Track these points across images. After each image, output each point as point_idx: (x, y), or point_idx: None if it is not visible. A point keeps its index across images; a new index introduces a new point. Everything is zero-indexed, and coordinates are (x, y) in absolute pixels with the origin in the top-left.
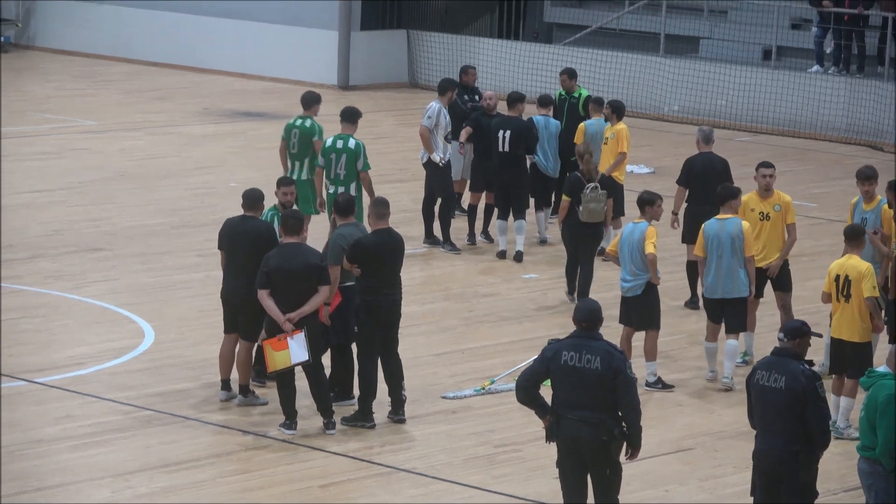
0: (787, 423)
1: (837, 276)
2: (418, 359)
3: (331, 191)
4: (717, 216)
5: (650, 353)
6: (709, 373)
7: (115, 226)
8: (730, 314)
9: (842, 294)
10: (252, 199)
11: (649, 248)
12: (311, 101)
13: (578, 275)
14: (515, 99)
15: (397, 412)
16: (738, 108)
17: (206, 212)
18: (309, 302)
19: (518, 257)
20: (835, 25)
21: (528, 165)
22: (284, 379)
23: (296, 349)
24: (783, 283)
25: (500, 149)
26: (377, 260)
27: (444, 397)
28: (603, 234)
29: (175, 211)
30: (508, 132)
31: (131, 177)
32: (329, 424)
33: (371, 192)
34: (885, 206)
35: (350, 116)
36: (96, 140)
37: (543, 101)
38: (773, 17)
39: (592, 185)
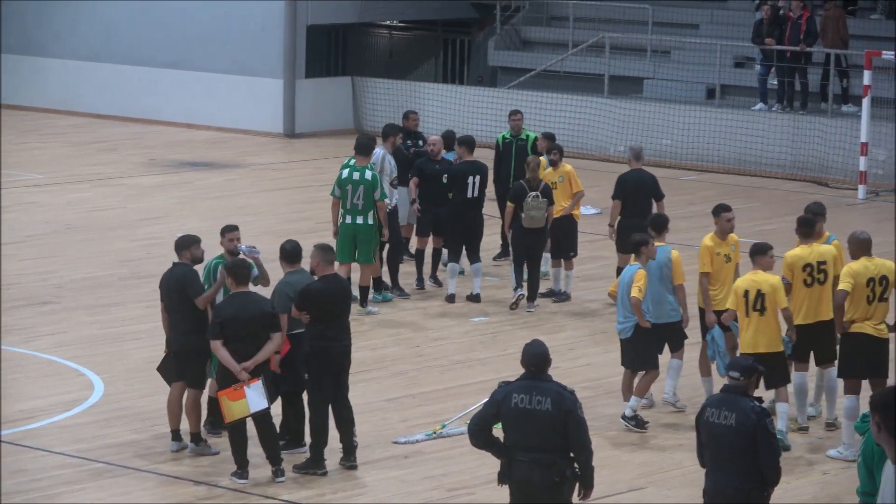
0: (738, 460)
1: (747, 292)
2: (369, 404)
3: (348, 221)
4: (631, 260)
5: (640, 390)
6: (644, 400)
7: (64, 278)
8: (668, 337)
9: (754, 308)
10: (179, 246)
11: (633, 293)
12: (369, 147)
13: (527, 280)
14: (473, 143)
15: (349, 458)
16: (683, 148)
17: (154, 263)
18: (262, 350)
19: (476, 299)
20: (777, 63)
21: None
22: (236, 428)
23: (254, 397)
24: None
25: (470, 194)
26: (326, 306)
27: (395, 442)
28: (546, 240)
29: (123, 262)
30: (478, 178)
31: (79, 229)
32: (278, 472)
33: (385, 222)
34: (835, 241)
35: (363, 149)
36: (44, 193)
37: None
38: (716, 57)
39: (534, 193)
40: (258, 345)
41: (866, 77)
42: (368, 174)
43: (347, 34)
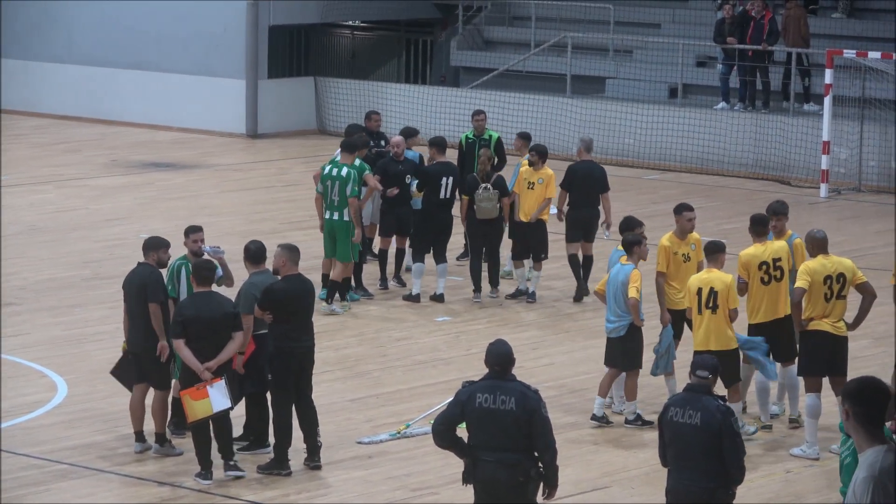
0: (703, 459)
1: (700, 290)
2: (333, 404)
3: (328, 217)
4: (622, 260)
5: (631, 393)
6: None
7: (26, 280)
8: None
9: (706, 306)
10: (147, 247)
11: (631, 293)
12: (357, 146)
13: (485, 272)
14: (445, 144)
15: (313, 459)
16: (645, 147)
17: (117, 263)
18: (225, 349)
19: (440, 299)
20: (739, 62)
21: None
22: (200, 429)
23: (217, 397)
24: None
25: (442, 195)
26: (289, 307)
27: (359, 442)
28: (503, 230)
29: (86, 263)
30: (451, 179)
31: (42, 230)
32: (228, 466)
33: (358, 220)
34: (797, 240)
35: (348, 147)
36: (6, 194)
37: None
38: (678, 56)
39: (484, 185)
40: (220, 344)
41: (828, 76)
42: (345, 171)
43: (310, 35)
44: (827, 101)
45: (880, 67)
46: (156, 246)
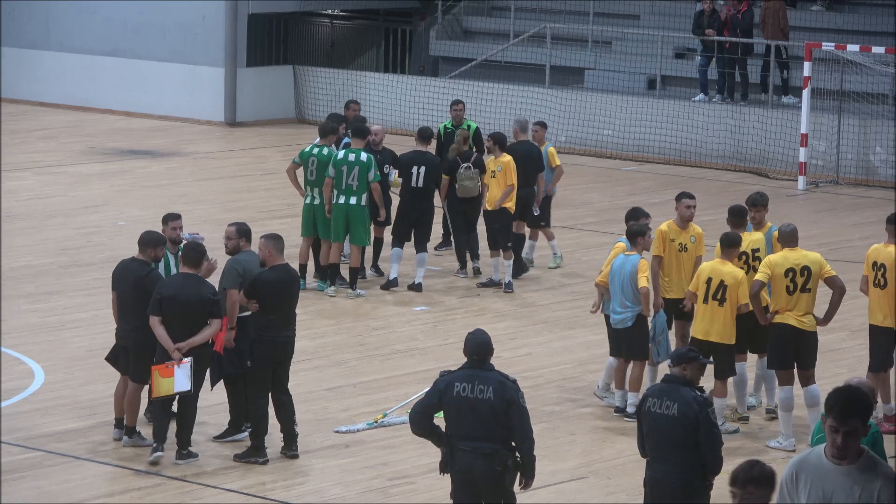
0: (680, 450)
1: (710, 279)
2: (311, 393)
3: (342, 201)
4: (626, 251)
5: (635, 384)
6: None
7: (3, 267)
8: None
9: (714, 298)
10: (143, 242)
11: (642, 282)
12: (328, 131)
13: (467, 247)
14: (429, 135)
15: (290, 447)
16: (624, 138)
17: (94, 251)
18: (200, 333)
19: (418, 288)
20: (718, 54)
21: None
22: (165, 405)
23: (180, 378)
24: (685, 313)
25: (414, 184)
26: (276, 296)
27: (336, 431)
28: (481, 206)
29: (63, 250)
30: (423, 168)
31: (18, 217)
32: (180, 454)
33: (381, 202)
34: (776, 232)
35: (359, 132)
36: None
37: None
38: (657, 47)
39: (466, 164)
40: (192, 328)
41: (806, 68)
42: (364, 156)
43: (289, 23)
44: (805, 93)
45: (859, 60)
46: (154, 242)
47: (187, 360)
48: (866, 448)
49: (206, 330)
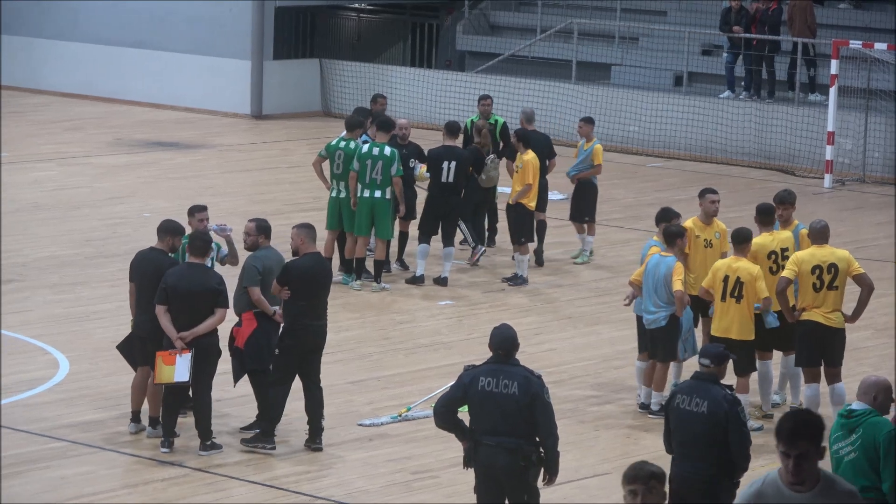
0: (708, 448)
1: (726, 277)
2: (334, 386)
3: (366, 195)
4: (661, 252)
5: (660, 384)
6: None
7: (28, 257)
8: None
9: (731, 295)
10: (162, 230)
11: (677, 286)
12: (355, 125)
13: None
14: (457, 129)
15: (315, 440)
16: (650, 134)
17: (119, 242)
18: (204, 323)
19: (443, 282)
20: (745, 51)
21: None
22: (172, 402)
23: (181, 368)
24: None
25: (444, 179)
26: (310, 284)
27: (360, 425)
28: (495, 196)
29: (88, 241)
30: (454, 163)
31: (44, 208)
32: (204, 446)
33: (402, 197)
34: (803, 230)
35: (384, 126)
36: (7, 171)
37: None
38: (684, 44)
39: (492, 156)
40: (196, 317)
41: (833, 66)
42: (388, 150)
43: (316, 16)
44: (832, 91)
45: (886, 58)
46: (173, 231)
47: (189, 351)
48: (822, 471)
49: (210, 319)
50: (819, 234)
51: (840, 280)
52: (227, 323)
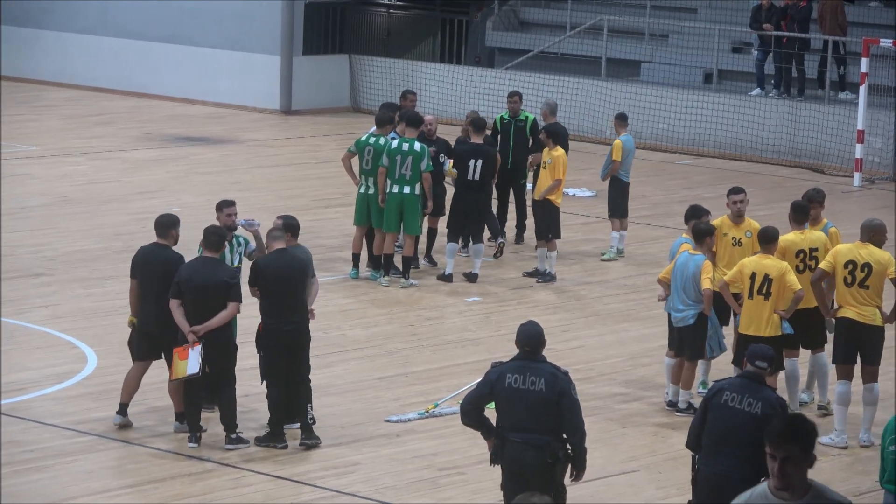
0: (749, 447)
1: (754, 274)
2: (361, 382)
3: (395, 190)
4: (690, 250)
5: (687, 382)
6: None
7: (57, 251)
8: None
9: (759, 292)
10: (161, 225)
11: (706, 284)
12: (385, 121)
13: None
14: (483, 125)
15: (307, 436)
16: (679, 132)
17: (148, 236)
18: (216, 316)
19: (473, 278)
20: (775, 49)
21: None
22: (191, 397)
23: (192, 361)
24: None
25: (470, 177)
26: (273, 282)
27: (387, 421)
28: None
29: (117, 235)
30: (480, 161)
31: (73, 202)
32: (229, 439)
33: (430, 193)
34: (833, 228)
35: (413, 122)
36: (38, 165)
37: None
38: (714, 41)
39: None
40: (208, 311)
41: (864, 64)
42: (417, 146)
43: (346, 12)
44: (862, 89)
45: None
46: (174, 223)
47: (199, 344)
48: (813, 481)
49: (222, 313)
50: (865, 231)
51: (873, 280)
52: (254, 319)
